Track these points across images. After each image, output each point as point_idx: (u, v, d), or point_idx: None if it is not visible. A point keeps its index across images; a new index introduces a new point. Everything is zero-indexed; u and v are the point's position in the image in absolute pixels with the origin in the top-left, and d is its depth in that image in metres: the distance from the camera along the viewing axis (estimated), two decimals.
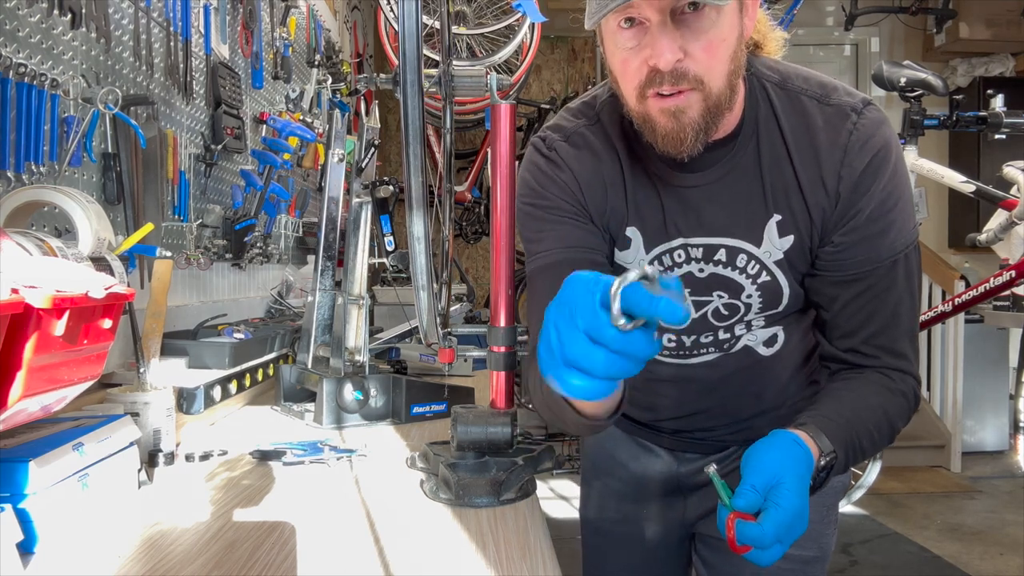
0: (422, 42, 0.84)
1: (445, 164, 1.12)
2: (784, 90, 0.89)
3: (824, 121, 0.86)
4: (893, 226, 0.86)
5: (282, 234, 2.47)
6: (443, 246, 1.15)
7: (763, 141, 0.88)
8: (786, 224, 0.89)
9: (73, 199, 1.06)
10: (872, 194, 0.85)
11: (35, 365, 0.73)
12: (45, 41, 1.22)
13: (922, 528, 3.45)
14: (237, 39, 2.15)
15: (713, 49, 0.78)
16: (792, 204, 0.88)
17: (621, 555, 1.20)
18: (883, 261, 0.87)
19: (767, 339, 0.98)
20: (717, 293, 0.93)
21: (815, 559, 1.06)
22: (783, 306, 0.94)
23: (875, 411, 0.86)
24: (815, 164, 0.86)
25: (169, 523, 0.89)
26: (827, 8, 5.54)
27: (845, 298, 0.89)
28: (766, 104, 0.88)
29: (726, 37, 0.79)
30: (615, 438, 1.19)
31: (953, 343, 4.32)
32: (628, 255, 0.95)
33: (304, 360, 1.61)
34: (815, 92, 0.88)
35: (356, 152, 1.60)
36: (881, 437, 0.87)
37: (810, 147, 0.87)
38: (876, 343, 0.89)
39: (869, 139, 0.85)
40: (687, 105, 0.79)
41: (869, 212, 0.86)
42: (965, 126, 2.58)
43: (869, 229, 0.86)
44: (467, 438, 1.01)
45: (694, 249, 0.91)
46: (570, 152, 0.95)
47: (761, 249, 0.90)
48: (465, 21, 4.02)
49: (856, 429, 0.84)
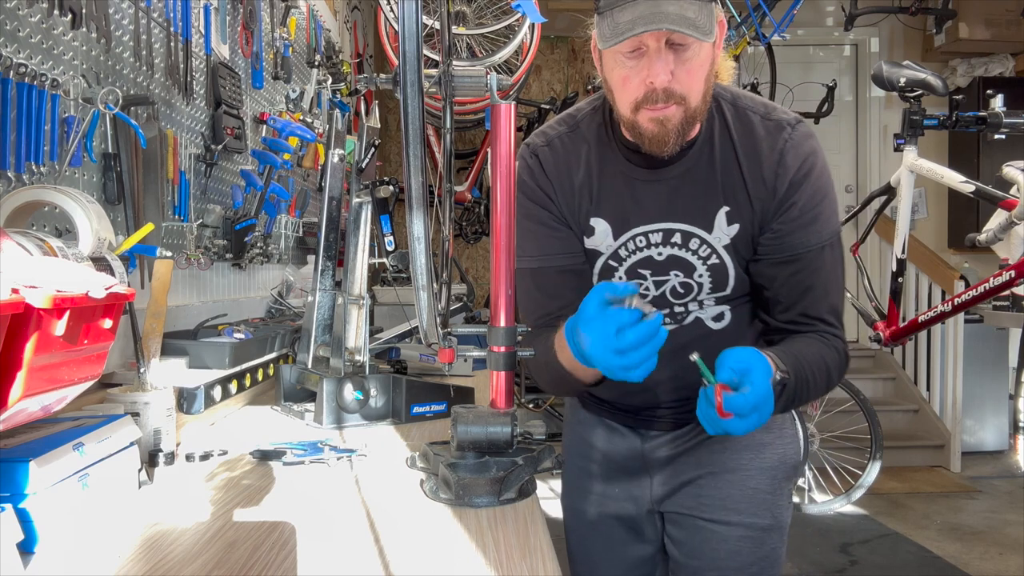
0: (422, 42, 0.84)
1: (445, 164, 1.12)
2: (735, 107, 1.09)
3: (765, 132, 1.06)
4: (820, 217, 1.06)
5: (282, 234, 2.47)
6: (443, 246, 1.15)
7: (716, 146, 1.07)
8: (733, 214, 1.07)
9: (73, 199, 1.06)
10: (803, 190, 1.05)
11: (35, 365, 0.73)
12: (45, 41, 1.22)
13: (922, 528, 3.45)
14: (237, 39, 2.15)
15: (693, 73, 0.98)
16: (738, 197, 1.06)
17: (599, 536, 1.27)
18: (813, 246, 1.06)
19: (715, 315, 1.14)
20: (674, 272, 1.11)
21: (771, 527, 1.17)
22: (730, 288, 1.11)
23: (816, 356, 1.05)
24: (757, 165, 1.06)
25: (169, 523, 0.90)
26: (827, 8, 5.54)
27: (783, 277, 1.08)
28: (720, 118, 1.08)
29: (704, 64, 0.98)
30: (587, 422, 1.29)
31: (953, 343, 4.32)
32: (596, 240, 1.13)
33: (304, 360, 1.61)
34: (759, 110, 1.08)
35: (356, 152, 1.60)
36: (822, 380, 1.05)
37: (754, 152, 1.06)
38: (810, 314, 1.08)
39: (799, 146, 1.05)
40: (671, 115, 0.99)
41: (801, 205, 1.05)
42: (965, 126, 2.58)
43: (801, 219, 1.05)
44: (467, 438, 1.01)
45: (653, 235, 1.09)
46: (549, 157, 1.14)
47: (712, 235, 1.08)
48: (465, 21, 4.02)
49: (803, 364, 1.01)
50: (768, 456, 1.18)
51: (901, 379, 4.85)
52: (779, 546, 1.18)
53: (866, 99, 5.59)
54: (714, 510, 1.17)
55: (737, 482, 1.16)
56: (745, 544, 1.16)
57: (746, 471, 1.17)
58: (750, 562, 1.16)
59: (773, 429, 1.19)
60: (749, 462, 1.17)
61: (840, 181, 5.58)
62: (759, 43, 4.34)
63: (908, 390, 4.76)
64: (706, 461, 1.18)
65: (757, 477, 1.17)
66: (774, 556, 1.18)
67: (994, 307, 3.19)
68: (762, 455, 1.18)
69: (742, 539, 1.15)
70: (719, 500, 1.17)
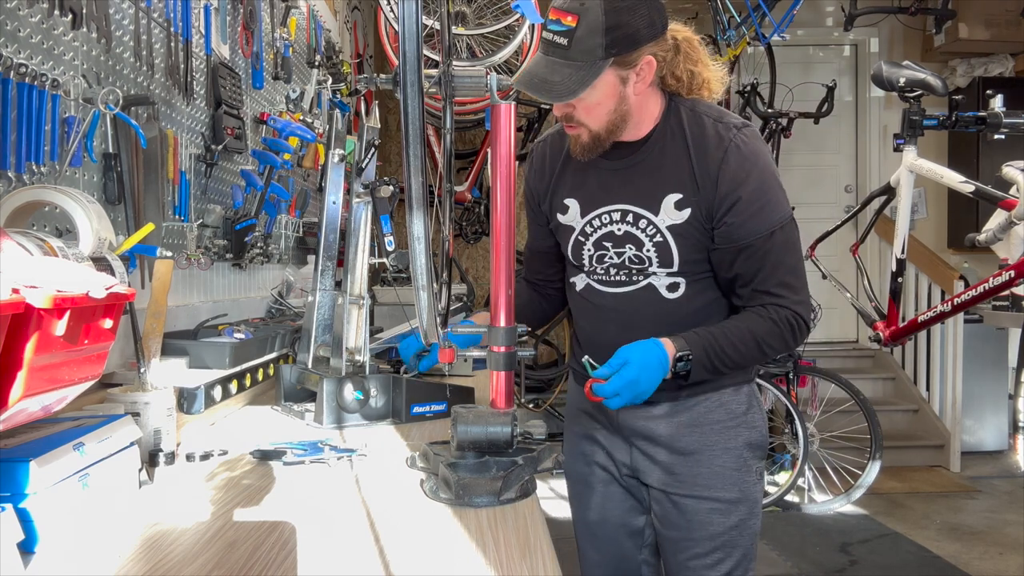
0: (422, 42, 0.84)
1: (445, 164, 1.12)
2: (692, 112, 1.25)
3: (714, 132, 1.22)
4: (766, 208, 1.20)
5: (282, 234, 2.47)
6: (443, 246, 1.15)
7: (668, 142, 1.24)
8: (683, 201, 1.22)
9: (74, 199, 1.06)
10: (746, 185, 1.19)
11: (36, 365, 0.73)
12: (46, 41, 1.22)
13: (922, 528, 3.45)
14: (237, 39, 2.15)
15: (589, 110, 1.19)
16: (687, 186, 1.22)
17: (591, 498, 1.43)
18: (761, 233, 1.20)
19: (669, 285, 1.27)
20: (628, 245, 1.27)
21: (738, 500, 1.30)
22: (676, 265, 1.25)
23: (739, 329, 1.22)
24: (705, 160, 1.21)
25: (169, 523, 0.90)
26: (827, 8, 5.54)
27: (737, 263, 1.23)
28: (677, 119, 1.25)
29: (601, 102, 1.18)
30: (577, 394, 1.43)
31: (952, 343, 4.32)
32: (568, 217, 1.32)
33: (304, 360, 1.61)
34: (712, 114, 1.24)
35: (356, 152, 1.60)
36: (748, 349, 1.21)
37: (703, 148, 1.22)
38: (759, 288, 1.23)
39: (743, 145, 1.21)
40: (577, 135, 1.23)
41: (746, 199, 1.19)
42: (964, 126, 2.58)
43: (749, 210, 1.19)
44: (467, 438, 1.01)
45: (614, 213, 1.27)
46: (540, 152, 1.39)
47: (657, 217, 1.24)
48: (465, 21, 4.02)
49: (717, 339, 1.19)
50: (734, 439, 1.31)
51: (901, 379, 4.85)
52: (748, 517, 1.32)
53: (866, 99, 5.59)
54: (686, 486, 1.31)
55: (705, 461, 1.30)
56: (715, 516, 1.30)
57: (712, 451, 1.30)
58: (721, 531, 1.30)
59: (739, 415, 1.32)
60: (715, 444, 1.30)
61: (840, 181, 5.59)
62: (759, 43, 4.34)
63: (908, 390, 4.76)
64: (677, 443, 1.31)
65: (723, 456, 1.30)
66: (744, 526, 1.31)
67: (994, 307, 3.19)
68: (727, 437, 1.31)
69: (712, 511, 1.30)
70: (690, 478, 1.31)
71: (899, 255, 2.92)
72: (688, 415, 1.31)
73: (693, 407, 1.31)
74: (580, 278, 1.35)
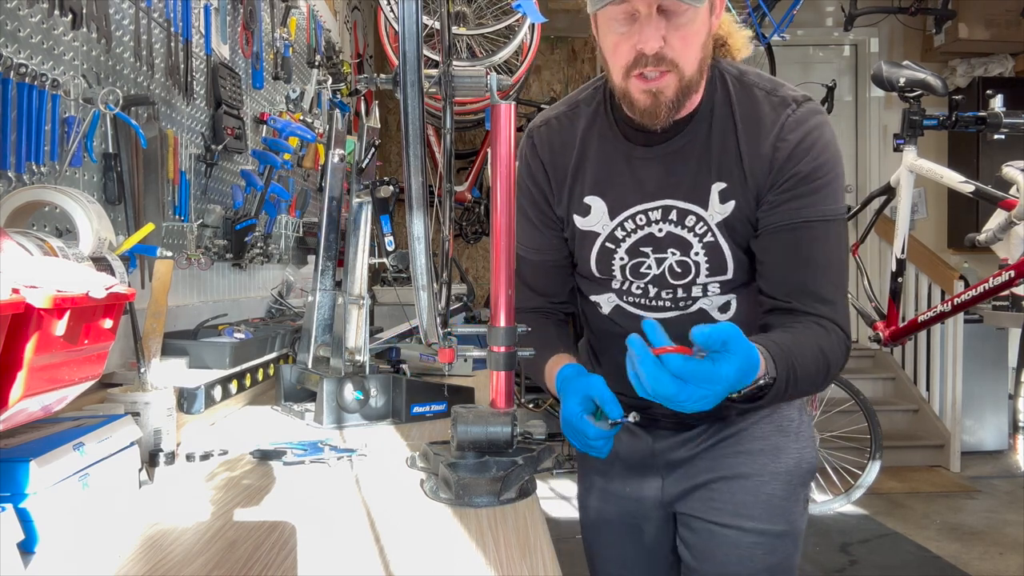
0: (422, 42, 0.84)
1: (445, 164, 1.12)
2: (740, 82, 1.05)
3: (769, 107, 1.03)
4: (821, 191, 1.00)
5: (282, 234, 2.47)
6: (443, 246, 1.15)
7: (716, 120, 1.04)
8: (728, 191, 1.03)
9: (74, 199, 1.06)
10: (804, 162, 1.00)
11: (36, 365, 0.73)
12: (46, 41, 1.22)
13: (922, 528, 3.45)
14: (237, 39, 2.15)
15: (688, 40, 0.95)
16: (733, 173, 1.03)
17: (610, 530, 1.28)
18: (811, 219, 1.00)
19: (721, 305, 1.10)
20: (671, 250, 1.08)
21: (785, 533, 1.15)
22: (730, 271, 1.07)
23: (812, 347, 0.97)
24: (756, 139, 1.02)
25: (169, 523, 0.90)
26: (827, 8, 5.54)
27: (777, 248, 1.02)
28: (723, 91, 1.05)
29: (699, 31, 0.96)
30: None
31: (952, 343, 4.32)
32: (591, 220, 1.10)
33: (304, 360, 1.61)
34: (766, 86, 1.05)
35: (356, 152, 1.60)
36: (818, 370, 0.97)
37: (755, 126, 1.02)
38: (806, 291, 1.01)
39: (804, 122, 1.01)
40: (665, 86, 0.96)
41: (801, 177, 1.00)
42: (964, 126, 2.58)
43: (799, 190, 1.00)
44: (467, 438, 1.01)
45: (653, 212, 1.07)
46: (544, 136, 1.14)
47: (707, 211, 1.04)
48: (465, 21, 4.02)
49: (795, 357, 0.93)
50: (784, 461, 1.14)
51: (901, 379, 4.85)
52: (793, 552, 1.16)
53: (866, 99, 5.59)
54: (726, 515, 1.14)
55: (751, 488, 1.13)
56: (757, 550, 1.13)
57: (760, 477, 1.14)
58: (762, 568, 1.13)
59: (790, 432, 1.16)
60: (763, 467, 1.14)
61: None
62: (759, 43, 4.34)
63: (908, 390, 4.76)
64: (719, 465, 1.15)
65: (772, 483, 1.14)
66: (787, 563, 1.15)
67: (994, 307, 3.19)
68: (778, 460, 1.14)
69: (754, 545, 1.13)
70: (732, 506, 1.14)
71: (899, 255, 2.92)
72: (734, 437, 1.15)
73: (740, 427, 1.15)
74: (606, 298, 1.14)
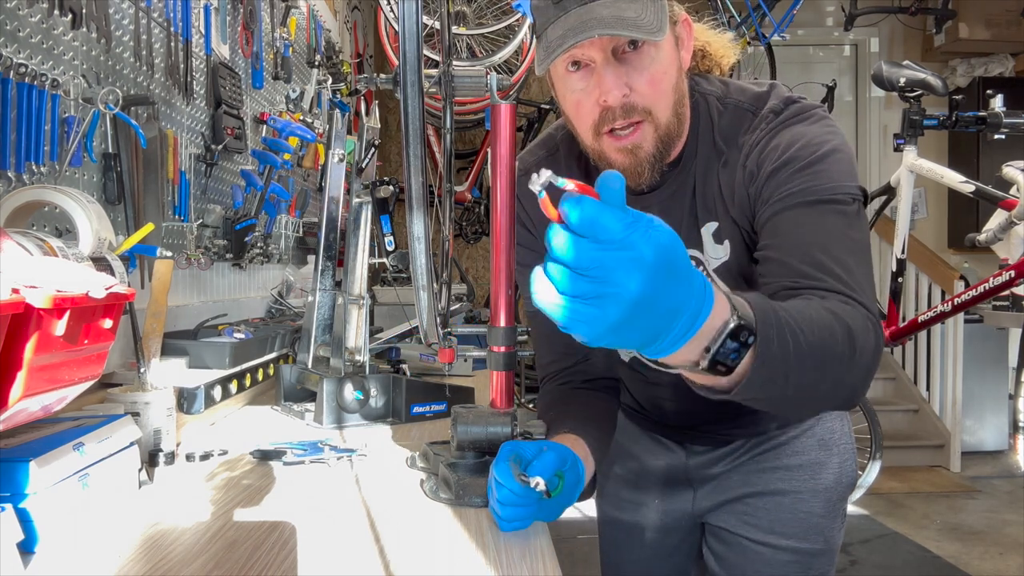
0: (422, 42, 0.84)
1: (445, 164, 1.12)
2: (724, 104, 0.95)
3: (748, 126, 0.92)
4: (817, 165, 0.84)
5: (282, 234, 2.47)
6: (443, 246, 1.15)
7: (699, 157, 0.94)
8: (721, 231, 0.94)
9: (73, 199, 1.06)
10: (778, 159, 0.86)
11: (35, 365, 0.73)
12: (46, 41, 1.22)
13: (922, 528, 3.45)
14: (237, 39, 2.15)
15: (656, 81, 0.86)
16: (717, 209, 0.93)
17: (632, 543, 1.24)
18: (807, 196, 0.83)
19: None
20: None
21: (821, 552, 1.09)
22: None
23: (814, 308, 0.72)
24: (734, 164, 0.91)
25: (169, 523, 0.90)
26: (827, 8, 5.54)
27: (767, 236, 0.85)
28: (707, 121, 0.95)
29: (666, 70, 0.87)
30: (631, 434, 1.24)
31: (952, 343, 4.32)
32: None
33: (304, 360, 1.61)
34: (748, 102, 0.94)
35: (356, 152, 1.60)
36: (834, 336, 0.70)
37: (735, 151, 0.92)
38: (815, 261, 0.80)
39: (779, 127, 0.88)
40: (641, 140, 0.87)
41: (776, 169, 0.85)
42: (964, 126, 2.58)
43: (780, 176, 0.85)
44: (467, 438, 1.01)
45: None
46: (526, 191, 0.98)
47: (704, 255, 0.97)
48: (465, 21, 4.02)
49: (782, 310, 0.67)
50: (825, 477, 1.09)
51: (901, 379, 4.85)
52: (828, 570, 1.11)
53: (866, 99, 5.59)
54: (761, 532, 1.10)
55: (788, 505, 1.08)
56: (792, 569, 1.08)
57: (799, 494, 1.08)
58: None
59: (831, 446, 1.09)
60: (803, 484, 1.09)
61: None
62: (759, 43, 4.34)
63: (908, 390, 4.76)
64: (756, 480, 1.11)
65: (811, 501, 1.08)
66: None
67: (994, 307, 3.19)
68: (818, 477, 1.09)
69: (789, 563, 1.08)
70: (767, 523, 1.09)
71: (899, 255, 2.92)
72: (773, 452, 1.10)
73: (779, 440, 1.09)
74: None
